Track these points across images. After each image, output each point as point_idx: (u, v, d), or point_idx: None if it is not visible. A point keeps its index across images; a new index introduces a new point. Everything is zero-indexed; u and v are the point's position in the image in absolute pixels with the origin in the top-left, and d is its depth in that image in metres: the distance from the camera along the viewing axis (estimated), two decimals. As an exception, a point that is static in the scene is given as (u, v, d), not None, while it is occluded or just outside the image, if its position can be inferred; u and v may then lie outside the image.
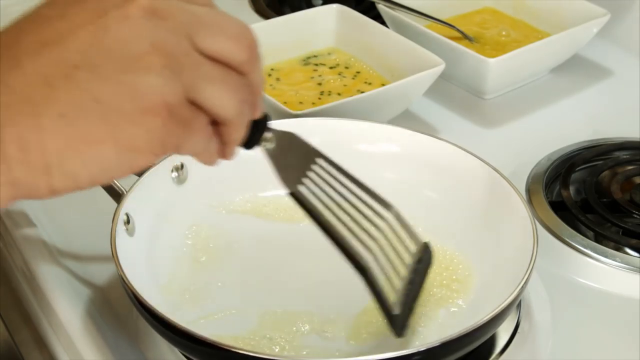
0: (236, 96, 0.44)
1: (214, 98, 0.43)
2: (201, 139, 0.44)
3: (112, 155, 0.41)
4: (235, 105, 0.44)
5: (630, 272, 0.69)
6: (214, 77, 0.43)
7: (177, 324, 0.53)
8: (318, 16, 0.93)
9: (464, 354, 0.56)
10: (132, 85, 0.41)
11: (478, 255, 0.65)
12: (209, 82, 0.43)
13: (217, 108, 0.43)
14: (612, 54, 0.99)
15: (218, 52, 0.43)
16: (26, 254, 0.69)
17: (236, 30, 0.44)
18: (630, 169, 0.79)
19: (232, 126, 0.45)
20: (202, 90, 0.43)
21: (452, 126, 0.88)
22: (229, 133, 0.45)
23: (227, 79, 0.44)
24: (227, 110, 0.44)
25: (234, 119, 0.44)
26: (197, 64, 0.42)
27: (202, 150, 0.45)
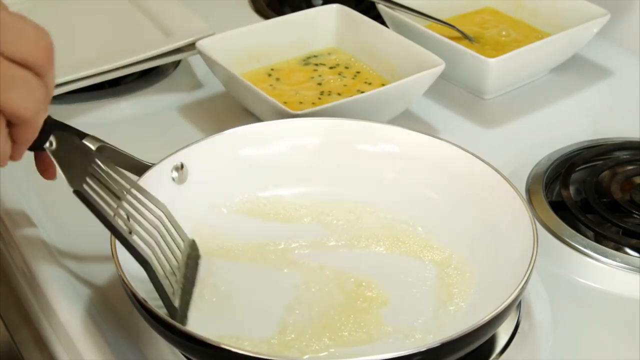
0: (35, 97, 0.46)
1: (15, 100, 0.45)
2: (1, 139, 0.46)
3: None
4: (34, 107, 0.46)
5: (630, 272, 0.69)
6: (14, 79, 0.44)
7: (177, 325, 0.53)
8: (318, 16, 0.93)
9: (464, 354, 0.56)
10: None
11: (478, 255, 0.65)
12: (10, 85, 0.44)
13: (17, 110, 0.45)
14: (612, 54, 0.99)
15: (18, 54, 0.44)
16: (26, 254, 0.69)
17: (35, 34, 0.46)
18: (630, 169, 0.79)
19: (28, 127, 0.47)
20: (7, 94, 0.44)
21: (452, 126, 0.88)
22: (24, 133, 0.47)
23: (27, 82, 0.45)
24: (26, 112, 0.45)
25: (31, 120, 0.46)
26: (3, 68, 0.44)
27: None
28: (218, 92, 0.91)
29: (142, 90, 0.92)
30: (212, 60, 0.84)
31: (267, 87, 0.86)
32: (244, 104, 0.86)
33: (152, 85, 0.93)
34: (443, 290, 0.63)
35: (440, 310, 0.62)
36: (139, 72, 0.92)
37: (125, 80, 0.93)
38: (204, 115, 0.88)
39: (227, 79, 0.85)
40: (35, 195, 0.76)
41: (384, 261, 0.66)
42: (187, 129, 0.86)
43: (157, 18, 0.96)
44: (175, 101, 0.91)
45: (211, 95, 0.92)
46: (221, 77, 0.85)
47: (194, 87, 0.94)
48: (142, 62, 0.89)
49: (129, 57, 0.88)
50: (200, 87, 0.93)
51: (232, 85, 0.85)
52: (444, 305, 0.62)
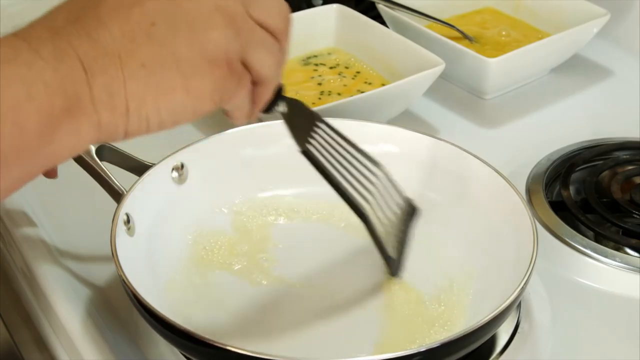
0: (276, 59, 0.52)
1: (261, 59, 0.50)
2: (246, 95, 0.52)
3: (182, 101, 0.48)
4: (275, 68, 0.52)
5: (630, 272, 0.69)
6: (262, 41, 0.51)
7: (177, 324, 0.53)
8: (318, 16, 0.93)
9: (464, 354, 0.56)
10: (202, 40, 0.47)
11: (478, 255, 0.65)
12: (258, 45, 0.50)
13: (262, 68, 0.51)
14: (612, 54, 0.99)
15: (266, 20, 0.51)
16: (26, 254, 0.69)
17: (279, 4, 0.52)
18: (630, 169, 0.79)
19: (267, 86, 0.53)
20: (253, 51, 0.50)
21: (452, 126, 0.88)
22: (262, 93, 0.53)
23: (271, 45, 0.51)
24: (268, 71, 0.51)
25: (272, 80, 0.52)
26: (251, 28, 0.50)
27: (242, 106, 0.53)
28: (218, 92, 0.91)
29: (142, 90, 0.92)
30: (212, 60, 0.84)
31: (267, 87, 0.86)
32: (244, 104, 0.86)
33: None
34: (443, 290, 0.63)
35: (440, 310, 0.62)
36: (139, 72, 0.92)
37: (125, 80, 0.93)
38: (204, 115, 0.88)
39: (227, 79, 0.85)
40: (35, 195, 0.76)
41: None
42: (187, 129, 0.86)
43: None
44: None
45: (211, 95, 0.91)
46: (221, 77, 0.85)
47: (194, 87, 0.93)
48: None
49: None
50: (200, 87, 0.93)
51: (232, 85, 0.85)
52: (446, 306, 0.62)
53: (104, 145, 0.65)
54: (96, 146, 0.65)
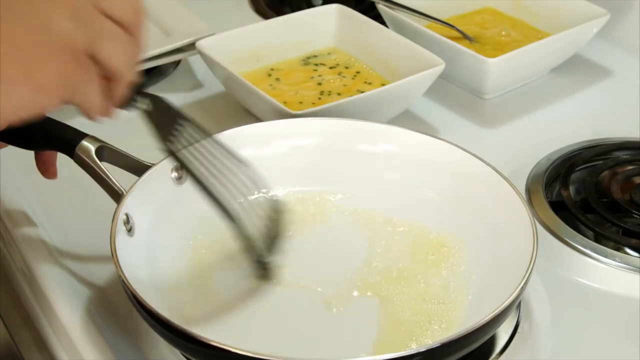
0: (127, 52, 0.50)
1: (109, 52, 0.49)
2: (97, 90, 0.50)
3: (24, 94, 0.46)
4: (126, 61, 0.50)
5: (630, 272, 0.69)
6: (110, 33, 0.49)
7: (176, 325, 0.53)
8: (318, 16, 0.93)
9: (464, 354, 0.56)
10: (45, 27, 0.46)
11: (478, 255, 0.65)
12: (106, 38, 0.49)
13: (111, 61, 0.50)
14: (612, 54, 0.99)
15: (115, 12, 0.50)
16: (26, 254, 0.69)
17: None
18: (630, 169, 0.79)
19: (120, 81, 0.51)
20: (101, 44, 0.49)
21: (452, 126, 0.88)
22: (115, 88, 0.51)
23: (122, 38, 0.50)
24: (118, 64, 0.50)
25: (123, 73, 0.50)
26: (98, 20, 0.49)
27: (91, 102, 0.50)
28: (218, 92, 0.91)
29: (142, 90, 0.92)
30: (212, 60, 0.84)
31: (267, 87, 0.86)
32: (243, 104, 0.86)
33: (152, 85, 0.93)
34: (443, 290, 0.63)
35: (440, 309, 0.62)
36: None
37: (125, 80, 0.93)
38: (204, 115, 0.88)
39: (227, 79, 0.85)
40: (35, 195, 0.76)
41: (383, 260, 0.66)
42: (187, 129, 0.86)
43: (157, 18, 0.96)
44: (175, 101, 0.91)
45: (211, 95, 0.92)
46: (221, 77, 0.85)
47: (194, 87, 0.94)
48: (142, 62, 0.89)
49: (129, 57, 0.88)
50: (200, 87, 0.93)
51: (232, 85, 0.85)
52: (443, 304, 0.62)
53: (104, 145, 0.65)
54: (96, 146, 0.65)
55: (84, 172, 0.65)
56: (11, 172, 0.78)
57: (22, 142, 0.66)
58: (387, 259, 0.66)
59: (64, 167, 0.68)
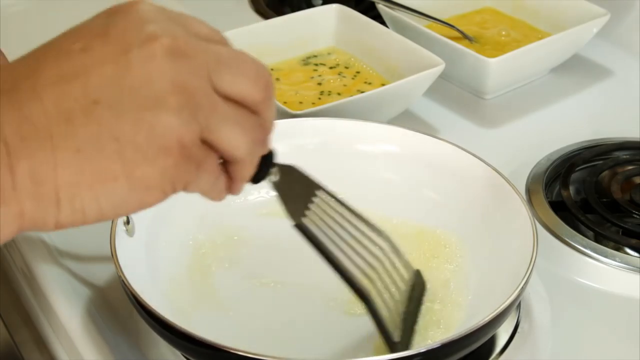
0: (249, 136, 0.44)
1: (228, 139, 0.43)
2: (210, 178, 0.45)
3: (124, 192, 0.41)
4: (247, 146, 0.44)
5: (630, 272, 0.69)
6: (229, 117, 0.43)
7: (176, 326, 0.53)
8: (318, 16, 0.93)
9: (464, 354, 0.56)
10: (150, 123, 0.41)
11: (478, 255, 0.65)
12: (224, 123, 0.43)
13: (230, 149, 0.44)
14: (612, 54, 0.99)
15: (236, 92, 0.44)
16: (26, 254, 0.69)
17: (254, 71, 0.45)
18: (630, 169, 0.79)
19: (243, 165, 0.46)
20: (217, 131, 0.43)
21: (452, 126, 0.87)
22: (239, 171, 0.46)
23: (242, 120, 0.44)
24: (239, 151, 0.44)
25: (246, 159, 0.45)
26: (214, 104, 0.43)
27: (210, 189, 0.46)
28: (218, 92, 0.91)
29: (142, 90, 0.92)
30: (212, 60, 0.84)
31: (267, 87, 0.86)
32: (244, 104, 0.86)
33: (152, 85, 0.93)
34: (443, 290, 0.63)
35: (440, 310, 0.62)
36: (139, 72, 0.92)
37: (125, 80, 0.93)
38: (204, 115, 0.88)
39: (227, 79, 0.85)
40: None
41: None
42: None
43: (157, 18, 0.96)
44: (175, 101, 0.91)
45: (211, 95, 0.91)
46: (221, 77, 0.85)
47: (194, 87, 0.93)
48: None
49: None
50: (200, 87, 0.93)
51: (232, 85, 0.85)
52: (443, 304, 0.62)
53: None
54: None
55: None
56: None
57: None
58: (387, 259, 0.66)
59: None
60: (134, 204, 0.42)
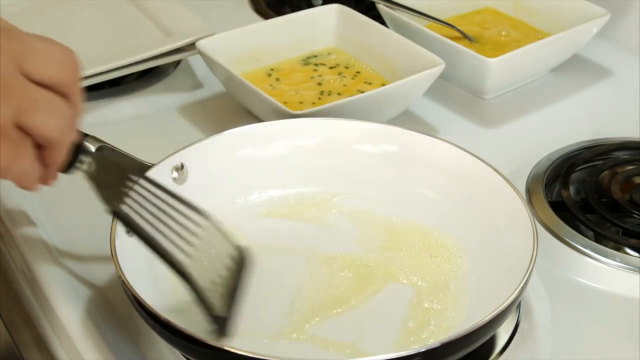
0: (62, 119, 0.47)
1: (41, 121, 0.45)
2: (26, 162, 0.46)
3: None
4: (61, 128, 0.47)
5: (630, 272, 0.69)
6: (41, 101, 0.45)
7: (176, 325, 0.53)
8: (318, 16, 0.93)
9: (464, 354, 0.56)
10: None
11: (478, 255, 0.65)
12: (36, 107, 0.45)
13: (44, 131, 0.46)
14: (612, 54, 0.99)
15: (46, 76, 0.46)
16: (26, 254, 0.69)
17: (61, 55, 0.47)
18: (630, 169, 0.79)
19: (57, 149, 0.47)
20: (30, 114, 0.45)
21: (452, 126, 0.88)
22: (53, 156, 0.48)
23: (53, 103, 0.46)
24: (53, 133, 0.46)
25: (60, 141, 0.47)
26: (24, 88, 0.45)
27: (26, 175, 0.47)
28: (218, 92, 0.91)
29: (142, 90, 0.92)
30: (212, 60, 0.84)
31: (267, 87, 0.86)
32: (244, 104, 0.86)
33: (152, 85, 0.93)
34: (443, 291, 0.63)
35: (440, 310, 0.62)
36: (139, 72, 0.92)
37: (125, 80, 0.93)
38: (204, 115, 0.88)
39: (227, 79, 0.85)
40: (35, 195, 0.76)
41: (383, 260, 0.66)
42: (187, 129, 0.86)
43: (157, 18, 0.96)
44: (175, 101, 0.91)
45: (211, 95, 0.92)
46: (221, 77, 0.85)
47: (194, 87, 0.94)
48: (142, 62, 0.89)
49: (129, 57, 0.88)
50: (200, 87, 0.93)
51: (232, 85, 0.85)
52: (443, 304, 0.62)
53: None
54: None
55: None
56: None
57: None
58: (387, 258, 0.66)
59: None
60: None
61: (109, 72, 0.87)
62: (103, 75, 0.87)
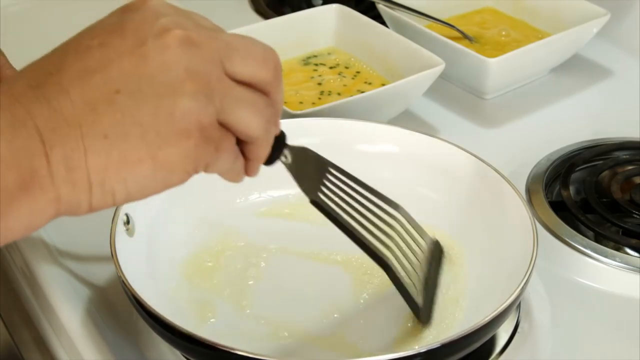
0: (263, 116, 0.47)
1: (243, 119, 0.46)
2: (229, 158, 0.48)
3: (149, 173, 0.44)
4: (262, 125, 0.47)
5: (630, 272, 0.69)
6: (243, 99, 0.46)
7: (176, 326, 0.53)
8: (318, 16, 0.93)
9: (464, 354, 0.56)
10: (169, 108, 0.44)
11: (478, 255, 0.65)
12: (238, 105, 0.46)
13: (246, 129, 0.47)
14: (612, 54, 0.99)
15: (247, 74, 0.47)
16: (26, 254, 0.69)
17: (262, 53, 0.48)
18: (630, 169, 0.79)
19: (259, 145, 0.48)
20: (232, 112, 0.46)
21: (452, 126, 0.88)
22: (255, 151, 0.49)
23: (255, 101, 0.47)
24: (255, 131, 0.47)
25: (261, 138, 0.48)
26: (227, 88, 0.46)
27: (229, 169, 0.49)
28: (218, 92, 0.91)
29: (142, 90, 0.92)
30: (212, 60, 0.84)
31: (267, 87, 0.86)
32: (244, 104, 0.86)
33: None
34: (442, 291, 0.63)
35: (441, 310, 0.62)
36: (139, 72, 0.92)
37: (125, 80, 0.93)
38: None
39: (227, 79, 0.85)
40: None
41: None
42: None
43: (157, 18, 0.96)
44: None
45: (211, 95, 0.91)
46: (221, 77, 0.85)
47: (194, 87, 0.93)
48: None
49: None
50: (200, 87, 0.93)
51: (232, 85, 0.85)
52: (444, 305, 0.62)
53: None
54: None
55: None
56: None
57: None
58: (387, 259, 0.66)
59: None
60: (159, 184, 0.45)
61: (109, 72, 0.87)
62: (103, 75, 0.87)
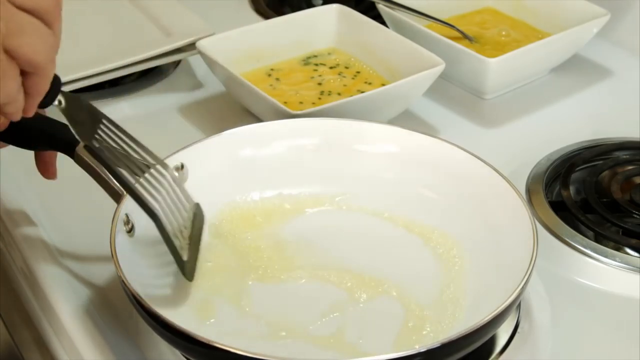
0: (47, 44, 0.48)
1: (29, 45, 0.47)
2: (13, 86, 0.48)
3: None
4: (46, 52, 0.48)
5: (630, 272, 0.69)
6: (26, 26, 0.47)
7: (176, 326, 0.53)
8: (318, 16, 0.93)
9: (464, 354, 0.56)
10: None
11: (478, 255, 0.65)
12: (23, 30, 0.47)
13: (32, 54, 0.47)
14: (612, 54, 0.99)
15: (29, 2, 0.47)
16: (26, 254, 0.69)
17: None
18: (630, 169, 0.79)
19: (42, 75, 0.49)
20: (17, 37, 0.47)
21: (452, 126, 0.88)
22: (36, 84, 0.49)
23: (38, 29, 0.48)
24: (39, 56, 0.48)
25: (45, 67, 0.49)
26: (10, 13, 0.46)
27: (13, 99, 0.49)
28: (218, 92, 0.91)
29: (142, 90, 0.92)
30: (212, 60, 0.84)
31: (267, 87, 0.86)
32: (244, 104, 0.86)
33: (152, 85, 0.93)
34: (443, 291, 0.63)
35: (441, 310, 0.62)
36: (139, 72, 0.92)
37: (125, 80, 0.93)
38: (204, 115, 0.88)
39: (227, 79, 0.85)
40: (35, 195, 0.76)
41: (383, 260, 0.66)
42: (187, 129, 0.86)
43: (157, 18, 0.96)
44: (175, 101, 0.91)
45: (211, 95, 0.92)
46: (221, 77, 0.85)
47: (194, 87, 0.94)
48: (142, 62, 0.89)
49: (129, 57, 0.88)
50: (200, 87, 0.93)
51: (232, 85, 0.85)
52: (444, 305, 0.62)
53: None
54: None
55: (84, 172, 0.65)
56: (11, 172, 0.78)
57: (23, 142, 0.66)
58: (387, 259, 0.66)
59: (64, 167, 0.68)
60: None
61: (109, 72, 0.87)
62: (103, 75, 0.87)
